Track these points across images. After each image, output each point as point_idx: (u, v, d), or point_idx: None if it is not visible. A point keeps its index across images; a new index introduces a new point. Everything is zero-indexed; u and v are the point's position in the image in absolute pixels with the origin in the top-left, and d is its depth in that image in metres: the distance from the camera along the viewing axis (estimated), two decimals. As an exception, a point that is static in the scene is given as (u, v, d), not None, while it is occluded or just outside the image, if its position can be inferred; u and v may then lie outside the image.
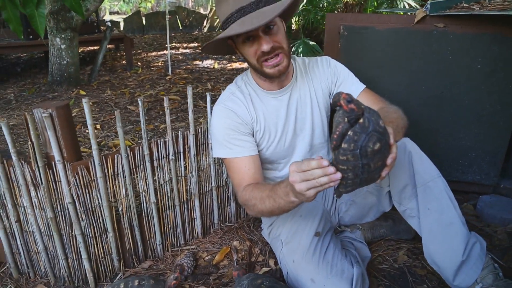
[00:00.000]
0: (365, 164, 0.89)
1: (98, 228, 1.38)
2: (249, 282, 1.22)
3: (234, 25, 1.15)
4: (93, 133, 1.24)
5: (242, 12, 1.15)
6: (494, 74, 1.63)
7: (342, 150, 0.87)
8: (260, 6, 1.15)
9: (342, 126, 0.85)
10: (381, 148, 0.89)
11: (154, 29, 10.81)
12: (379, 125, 0.87)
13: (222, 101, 1.35)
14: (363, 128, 0.85)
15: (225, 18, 1.19)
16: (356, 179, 0.94)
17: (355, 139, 0.85)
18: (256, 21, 1.09)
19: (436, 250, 1.19)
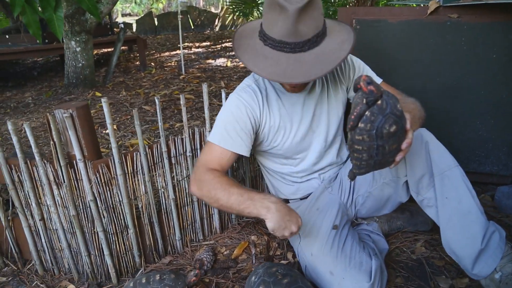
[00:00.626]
0: (380, 145, 0.91)
1: (119, 225, 1.42)
2: (265, 270, 1.24)
3: (269, 57, 1.11)
4: (112, 132, 1.27)
5: (282, 47, 1.10)
6: (510, 64, 1.61)
7: (358, 130, 0.89)
8: (305, 49, 1.10)
9: (360, 107, 0.87)
10: (397, 131, 0.90)
11: (166, 30, 10.91)
12: (397, 108, 0.89)
13: (237, 91, 1.36)
14: (381, 110, 0.87)
15: (266, 33, 1.13)
16: (370, 161, 0.96)
17: (372, 120, 0.87)
18: (290, 75, 1.08)
19: (455, 239, 1.19)
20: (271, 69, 1.09)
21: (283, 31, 1.08)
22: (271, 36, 1.11)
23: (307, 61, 1.09)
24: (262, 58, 1.12)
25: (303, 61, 1.09)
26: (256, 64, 1.12)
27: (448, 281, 1.33)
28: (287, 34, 1.08)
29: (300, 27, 1.07)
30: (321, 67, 1.08)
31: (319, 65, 1.08)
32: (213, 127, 1.35)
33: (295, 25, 1.06)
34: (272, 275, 1.21)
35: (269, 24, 1.12)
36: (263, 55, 1.13)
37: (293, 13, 1.04)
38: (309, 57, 1.09)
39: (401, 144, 0.96)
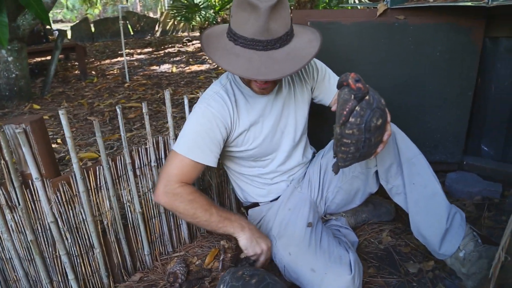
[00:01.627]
0: (367, 138, 0.95)
1: (83, 245, 1.32)
2: (231, 276, 1.23)
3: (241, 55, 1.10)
4: (72, 146, 1.19)
5: (255, 45, 1.10)
6: (452, 60, 1.75)
7: (349, 124, 0.93)
8: (276, 46, 1.10)
9: (351, 103, 0.91)
10: (382, 124, 0.96)
11: (104, 36, 10.43)
12: (381, 103, 0.94)
13: (205, 100, 1.31)
14: (369, 105, 0.91)
15: (237, 32, 1.12)
16: (356, 153, 1.01)
17: (361, 114, 0.91)
18: (264, 72, 1.07)
19: (422, 221, 1.27)
20: (245, 67, 1.08)
21: (255, 29, 1.08)
22: (242, 35, 1.11)
23: (279, 59, 1.10)
24: (234, 57, 1.11)
25: (275, 58, 1.09)
26: (229, 62, 1.11)
27: (416, 266, 1.41)
28: (259, 32, 1.08)
29: (272, 25, 1.08)
30: (293, 63, 1.09)
31: (291, 61, 1.10)
32: (180, 137, 1.30)
33: (267, 23, 1.07)
34: (239, 278, 1.21)
35: (240, 23, 1.11)
36: (234, 54, 1.12)
37: (265, 11, 1.05)
38: (280, 54, 1.10)
39: (383, 135, 1.02)
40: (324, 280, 1.19)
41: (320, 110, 1.61)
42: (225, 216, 1.28)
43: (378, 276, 1.39)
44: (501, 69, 1.81)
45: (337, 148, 1.05)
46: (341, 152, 1.04)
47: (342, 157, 1.05)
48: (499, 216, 1.66)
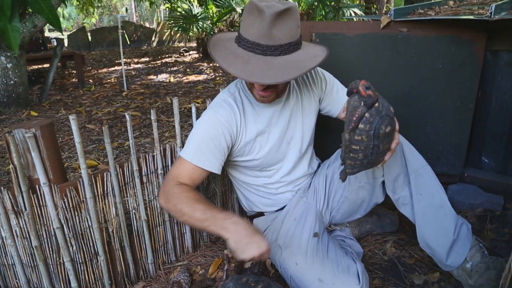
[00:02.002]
0: (375, 145, 0.96)
1: (88, 252, 1.30)
2: (235, 283, 1.22)
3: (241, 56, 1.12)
4: (81, 151, 1.18)
5: (255, 48, 1.12)
6: (454, 73, 1.78)
7: (358, 131, 0.94)
8: (275, 53, 1.12)
9: (361, 110, 0.93)
10: (390, 132, 0.97)
11: (101, 46, 10.45)
12: (390, 111, 0.95)
13: (213, 107, 1.32)
14: (378, 112, 0.92)
15: (242, 35, 1.15)
16: (364, 160, 1.01)
17: (370, 121, 0.92)
18: (257, 76, 1.08)
19: (429, 232, 1.27)
20: (240, 67, 1.10)
21: (257, 32, 1.10)
22: (245, 38, 1.13)
23: (276, 65, 1.10)
24: (233, 57, 1.13)
25: (272, 64, 1.10)
26: (225, 60, 1.13)
27: (421, 277, 1.41)
28: (260, 36, 1.10)
29: (274, 31, 1.10)
30: (288, 72, 1.09)
31: (287, 70, 1.10)
32: (187, 142, 1.31)
33: (270, 28, 1.09)
34: (244, 285, 1.20)
35: (246, 26, 1.14)
36: (234, 54, 1.14)
37: (269, 17, 1.07)
38: (278, 62, 1.11)
39: (391, 143, 1.02)
40: (333, 290, 1.18)
41: (326, 122, 1.62)
42: (210, 214, 1.13)
43: (384, 287, 1.38)
44: (502, 82, 1.84)
45: (345, 155, 1.06)
46: (350, 159, 1.05)
47: (350, 163, 1.06)
48: (502, 228, 1.67)
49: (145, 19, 21.77)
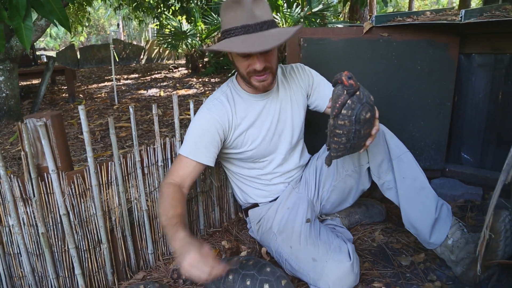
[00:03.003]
0: (357, 130, 1.07)
1: (92, 240, 1.36)
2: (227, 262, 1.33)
3: (236, 40, 1.24)
4: (88, 140, 1.26)
5: (245, 30, 1.24)
6: (432, 74, 1.92)
7: (341, 116, 1.04)
8: (263, 28, 1.25)
9: (344, 97, 1.03)
10: (370, 118, 1.07)
11: (89, 63, 10.53)
12: (370, 99, 1.06)
13: (206, 105, 1.44)
14: (359, 99, 1.03)
15: (229, 28, 1.27)
16: (347, 144, 1.11)
17: (352, 107, 1.03)
18: (258, 45, 1.20)
19: (413, 213, 1.37)
20: (240, 46, 1.22)
21: (244, 17, 1.24)
22: (233, 27, 1.26)
23: (269, 36, 1.23)
24: (229, 43, 1.26)
25: (267, 35, 1.24)
26: (225, 47, 1.26)
27: (408, 259, 1.50)
28: (246, 18, 1.24)
29: (256, 11, 1.25)
30: (281, 37, 1.22)
31: (279, 36, 1.23)
32: (184, 140, 1.41)
33: (252, 10, 1.24)
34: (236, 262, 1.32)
35: (229, 19, 1.27)
36: (229, 41, 1.26)
37: (249, 1, 1.24)
38: (269, 33, 1.25)
39: (372, 129, 1.13)
40: (326, 268, 1.26)
41: (314, 120, 1.73)
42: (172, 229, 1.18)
43: (374, 269, 1.47)
44: (476, 82, 1.99)
45: (330, 139, 1.16)
46: (334, 143, 1.15)
47: (335, 147, 1.16)
48: (481, 216, 1.79)
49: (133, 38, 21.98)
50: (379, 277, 1.41)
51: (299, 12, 6.22)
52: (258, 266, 1.26)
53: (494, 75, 1.95)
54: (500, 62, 1.92)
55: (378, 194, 1.91)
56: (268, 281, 1.21)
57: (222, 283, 1.26)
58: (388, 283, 1.38)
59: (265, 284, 1.20)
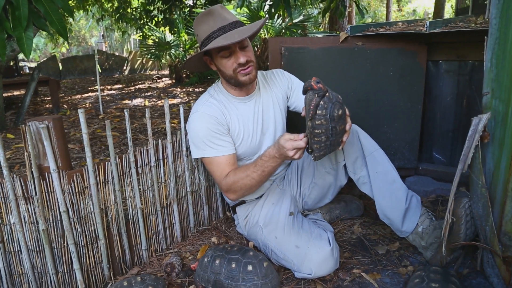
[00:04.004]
0: (333, 126, 1.20)
1: (90, 236, 1.44)
2: (214, 250, 1.45)
3: (217, 40, 1.39)
4: (87, 141, 1.35)
5: (223, 31, 1.40)
6: (403, 79, 2.09)
7: (317, 116, 1.17)
8: (237, 26, 1.43)
9: (315, 100, 1.16)
10: (342, 114, 1.21)
11: (72, 74, 10.49)
12: (339, 98, 1.21)
13: (198, 109, 1.55)
14: (330, 99, 1.17)
15: (207, 36, 1.42)
16: (327, 141, 1.24)
17: (325, 107, 1.16)
18: (238, 36, 1.35)
19: (386, 204, 1.50)
20: (223, 41, 1.37)
21: (217, 22, 1.42)
22: (211, 32, 1.42)
23: (243, 29, 1.41)
24: (213, 43, 1.40)
25: (241, 30, 1.41)
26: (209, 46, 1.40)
27: (384, 248, 1.64)
28: (220, 22, 1.41)
29: (226, 15, 1.44)
30: (253, 28, 1.40)
31: (252, 28, 1.41)
32: (196, 147, 1.53)
33: (222, 15, 1.43)
34: (221, 249, 1.44)
35: (205, 29, 1.44)
36: (212, 42, 1.41)
37: (218, 9, 1.45)
38: (243, 28, 1.43)
39: (346, 126, 1.26)
40: (308, 254, 1.38)
41: (294, 125, 1.87)
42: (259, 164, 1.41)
43: (353, 258, 1.59)
44: (443, 87, 2.17)
45: (311, 141, 1.26)
46: (316, 143, 1.25)
47: (317, 147, 1.27)
48: (450, 209, 1.94)
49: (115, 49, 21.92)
50: (358, 265, 1.54)
51: (281, 23, 6.43)
52: (242, 251, 1.38)
53: (459, 80, 2.14)
54: (464, 68, 2.11)
55: (356, 191, 2.05)
56: (251, 263, 1.32)
57: (210, 268, 1.37)
58: (366, 270, 1.50)
59: (248, 266, 1.32)
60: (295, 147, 1.27)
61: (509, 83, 1.14)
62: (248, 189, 1.47)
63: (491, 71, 1.18)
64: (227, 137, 1.53)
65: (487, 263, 1.26)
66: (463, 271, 1.42)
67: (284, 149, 1.29)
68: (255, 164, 1.42)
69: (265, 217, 1.59)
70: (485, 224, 1.22)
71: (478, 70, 2.06)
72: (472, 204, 1.28)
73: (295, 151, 1.28)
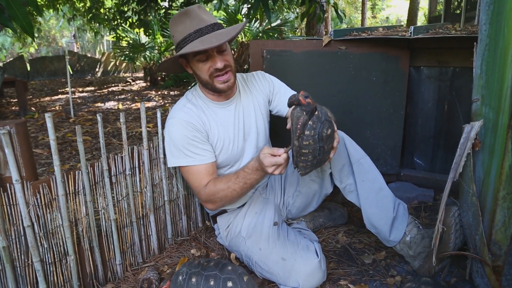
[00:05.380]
0: (321, 146, 1.14)
1: (58, 252, 1.32)
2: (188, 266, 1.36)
3: (193, 43, 1.31)
4: (55, 148, 1.23)
5: (200, 33, 1.32)
6: (386, 84, 2.07)
7: (305, 137, 1.11)
8: (215, 29, 1.34)
9: (303, 118, 1.10)
10: (331, 133, 1.15)
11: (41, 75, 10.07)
12: (328, 116, 1.15)
13: (174, 115, 1.45)
14: (319, 119, 1.11)
15: (183, 37, 1.34)
16: (314, 160, 1.18)
17: (314, 127, 1.10)
18: (215, 40, 1.27)
19: (373, 213, 1.46)
20: (199, 45, 1.29)
21: (194, 23, 1.33)
22: (188, 34, 1.33)
23: (222, 33, 1.34)
24: (189, 47, 1.32)
25: (219, 33, 1.33)
26: (184, 50, 1.31)
27: (370, 257, 1.59)
28: (197, 23, 1.33)
29: (204, 16, 1.36)
30: (232, 32, 1.33)
31: (231, 31, 1.34)
32: (172, 155, 1.44)
33: (199, 16, 1.35)
34: (197, 265, 1.34)
35: (182, 31, 1.35)
36: (188, 47, 1.32)
37: (194, 10, 1.36)
38: (221, 31, 1.35)
39: (333, 143, 1.21)
40: (295, 266, 1.32)
41: (276, 133, 1.81)
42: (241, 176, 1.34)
43: (339, 268, 1.54)
44: (425, 93, 2.17)
45: (297, 159, 1.20)
46: (302, 162, 1.19)
47: (303, 165, 1.20)
48: (434, 215, 1.93)
49: (87, 51, 21.30)
50: (345, 276, 1.49)
51: (258, 27, 6.39)
52: (220, 265, 1.30)
53: (440, 86, 2.14)
54: (444, 74, 2.11)
55: (340, 198, 2.00)
56: (230, 278, 1.24)
57: (186, 287, 1.27)
58: (353, 281, 1.45)
59: (228, 282, 1.24)
60: (273, 164, 1.20)
61: (499, 90, 1.11)
62: (228, 200, 1.40)
63: (481, 78, 1.15)
64: (206, 145, 1.45)
65: (476, 272, 1.24)
66: (451, 280, 1.40)
67: (263, 164, 1.22)
68: (237, 175, 1.34)
69: (248, 228, 1.51)
70: (475, 233, 1.19)
71: (459, 76, 2.07)
72: (462, 213, 1.25)
73: (274, 168, 1.21)
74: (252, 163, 1.31)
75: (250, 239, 1.47)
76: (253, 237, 1.46)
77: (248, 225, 1.52)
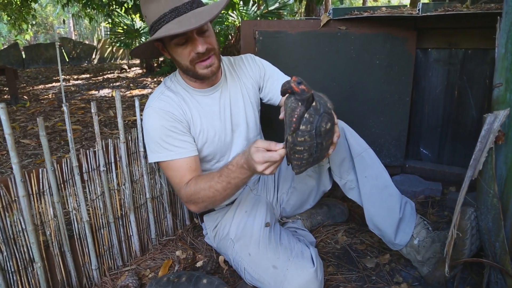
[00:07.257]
0: (319, 143, 0.96)
1: (22, 259, 1.17)
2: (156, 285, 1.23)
3: (169, 25, 1.13)
4: (12, 144, 1.08)
5: (176, 13, 1.13)
6: (390, 68, 1.89)
7: (300, 132, 0.93)
8: (194, 7, 1.15)
9: (299, 109, 0.92)
10: (331, 128, 0.98)
11: (36, 63, 9.87)
12: (327, 107, 0.96)
13: (151, 104, 1.29)
14: (316, 110, 0.93)
15: (157, 19, 1.15)
16: (310, 158, 1.01)
17: (310, 121, 0.92)
18: (195, 21, 1.09)
19: (377, 213, 1.30)
20: (177, 27, 1.10)
21: (169, 1, 1.14)
22: (163, 14, 1.14)
23: (202, 12, 1.14)
24: (164, 30, 1.13)
25: (198, 12, 1.14)
26: (160, 33, 1.13)
27: (373, 260, 1.44)
28: (173, 1, 1.14)
29: None
30: (213, 11, 1.13)
31: (212, 10, 1.13)
32: (150, 149, 1.29)
33: None
34: (166, 283, 1.20)
35: (155, 10, 1.16)
36: (164, 28, 1.14)
37: None
38: (200, 10, 1.16)
39: (333, 137, 1.04)
40: (288, 276, 1.17)
41: (269, 123, 1.64)
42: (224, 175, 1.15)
43: (338, 273, 1.39)
44: (433, 78, 1.99)
45: (291, 156, 1.03)
46: (296, 160, 1.02)
47: (297, 163, 1.03)
48: (442, 211, 1.77)
49: (84, 38, 20.99)
50: (344, 282, 1.34)
51: (256, 10, 6.17)
52: (193, 280, 1.16)
53: (449, 69, 1.96)
54: (455, 57, 1.93)
55: (339, 192, 1.85)
56: None
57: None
58: (354, 288, 1.31)
59: None
60: (266, 160, 1.00)
61: (526, 72, 0.94)
62: (211, 202, 1.22)
63: (505, 58, 0.98)
64: (187, 136, 1.28)
65: (495, 283, 1.09)
66: (464, 288, 1.25)
67: (253, 161, 1.02)
68: (220, 173, 1.16)
69: (236, 229, 1.36)
70: (495, 240, 1.04)
71: (471, 59, 1.89)
72: (480, 216, 1.10)
73: (266, 165, 1.01)
74: (237, 158, 1.12)
75: (239, 243, 1.32)
76: (242, 241, 1.31)
77: (237, 226, 1.37)
